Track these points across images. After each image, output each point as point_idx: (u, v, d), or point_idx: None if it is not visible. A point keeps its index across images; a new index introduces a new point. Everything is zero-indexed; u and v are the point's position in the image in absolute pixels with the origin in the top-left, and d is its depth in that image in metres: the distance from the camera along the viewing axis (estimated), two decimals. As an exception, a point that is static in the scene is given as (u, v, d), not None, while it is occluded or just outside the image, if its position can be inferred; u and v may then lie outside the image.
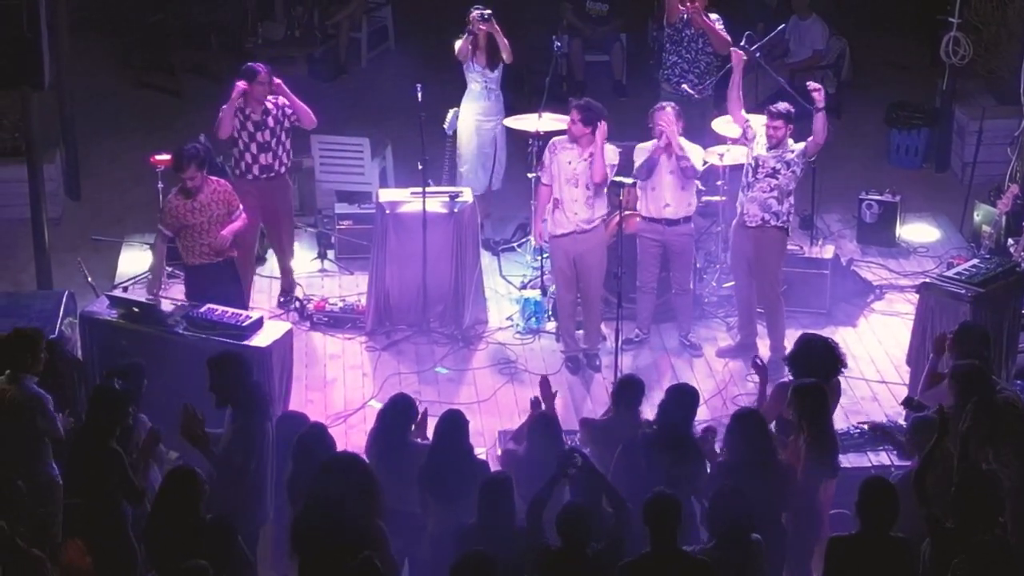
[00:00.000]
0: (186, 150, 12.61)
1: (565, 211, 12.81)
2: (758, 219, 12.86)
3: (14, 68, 12.27)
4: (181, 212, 12.56)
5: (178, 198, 12.62)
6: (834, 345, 10.89)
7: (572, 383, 13.08)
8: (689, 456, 9.99)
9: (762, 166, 12.80)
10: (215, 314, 11.92)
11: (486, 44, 14.38)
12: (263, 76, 13.51)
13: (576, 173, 12.74)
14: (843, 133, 16.84)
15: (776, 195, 12.82)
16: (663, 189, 12.97)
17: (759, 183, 12.81)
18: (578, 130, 12.70)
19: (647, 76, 16.89)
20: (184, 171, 12.56)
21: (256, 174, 13.62)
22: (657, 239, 13.11)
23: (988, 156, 15.89)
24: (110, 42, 19.20)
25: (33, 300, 12.88)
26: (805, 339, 10.95)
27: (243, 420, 10.09)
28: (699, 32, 14.63)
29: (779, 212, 12.89)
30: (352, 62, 19.43)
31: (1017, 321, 12.71)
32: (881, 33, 18.77)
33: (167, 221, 12.66)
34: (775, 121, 12.70)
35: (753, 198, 12.84)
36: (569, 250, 12.93)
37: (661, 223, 13.05)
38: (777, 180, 12.79)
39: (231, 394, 10.19)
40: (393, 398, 10.59)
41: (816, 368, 10.60)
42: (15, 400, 10.31)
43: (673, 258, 13.20)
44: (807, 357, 10.68)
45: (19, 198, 14.37)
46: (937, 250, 15.05)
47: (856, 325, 13.89)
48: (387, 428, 10.33)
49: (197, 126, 15.65)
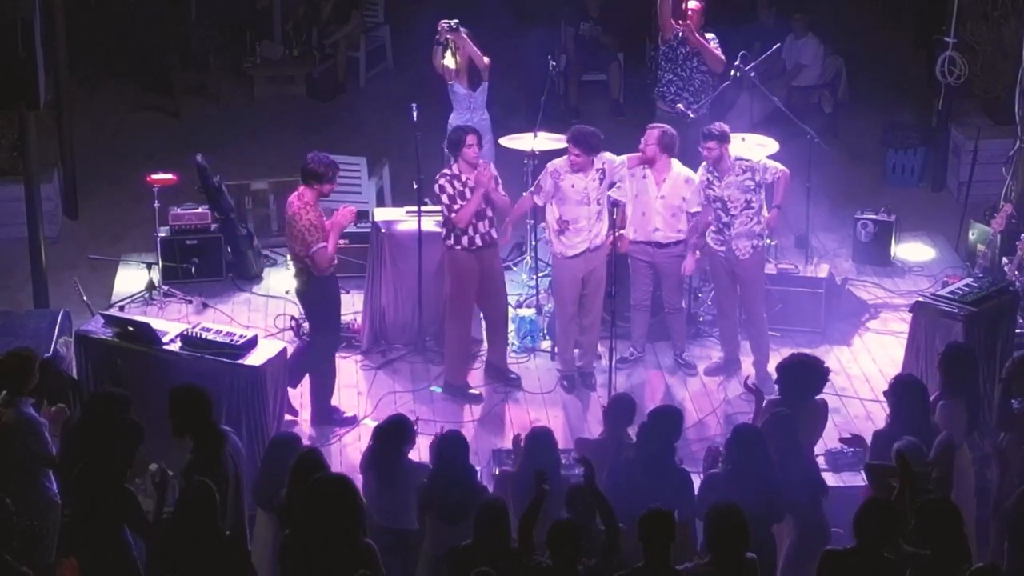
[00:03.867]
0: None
1: (581, 232, 12.81)
2: (748, 250, 12.93)
3: (10, 87, 12.29)
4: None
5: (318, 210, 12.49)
6: (819, 362, 10.91)
7: (568, 402, 13.09)
8: (672, 478, 10.00)
9: (733, 203, 12.85)
10: (209, 333, 11.93)
11: (466, 65, 14.34)
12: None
13: (586, 192, 12.75)
14: (839, 152, 16.88)
15: (756, 219, 12.92)
16: (652, 215, 12.98)
17: (738, 218, 12.87)
18: (583, 161, 12.71)
19: (644, 95, 16.92)
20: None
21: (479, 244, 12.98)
22: (647, 260, 13.14)
23: (984, 176, 15.94)
24: (109, 62, 19.25)
25: (28, 319, 12.90)
26: (788, 361, 10.97)
27: (196, 454, 10.05)
28: (693, 51, 14.66)
29: (762, 232, 13.01)
30: (350, 81, 19.49)
31: (1011, 340, 12.73)
32: (877, 53, 18.80)
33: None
34: (708, 142, 12.74)
35: (739, 234, 12.90)
36: (579, 269, 12.90)
37: (651, 245, 13.08)
38: (753, 208, 12.88)
39: (187, 428, 10.13)
40: (391, 418, 10.59)
41: (804, 386, 10.66)
42: (10, 424, 10.32)
43: (663, 279, 13.22)
44: (794, 376, 10.71)
45: (17, 217, 14.40)
46: (932, 269, 15.07)
47: (851, 344, 13.91)
48: (383, 447, 10.33)
49: (195, 146, 15.68)
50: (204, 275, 14.80)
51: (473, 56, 14.31)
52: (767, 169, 12.91)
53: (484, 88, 14.45)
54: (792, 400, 10.60)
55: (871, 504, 9.22)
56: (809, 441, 10.70)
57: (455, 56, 14.32)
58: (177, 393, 10.17)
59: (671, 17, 14.63)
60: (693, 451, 11.90)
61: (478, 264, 12.82)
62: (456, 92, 14.45)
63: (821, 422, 10.94)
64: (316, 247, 12.20)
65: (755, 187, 12.85)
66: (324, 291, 12.56)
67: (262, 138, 17.99)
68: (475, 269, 12.82)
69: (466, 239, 12.71)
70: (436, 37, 14.35)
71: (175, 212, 14.83)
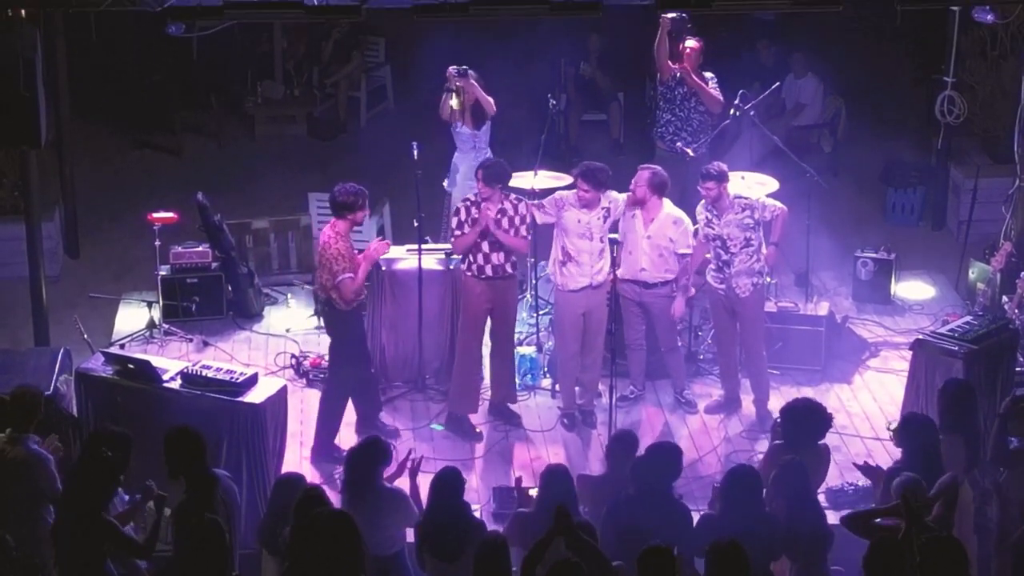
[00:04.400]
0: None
1: (581, 265, 12.85)
2: (748, 288, 12.96)
3: (11, 126, 12.32)
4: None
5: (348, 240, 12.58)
6: (823, 407, 10.91)
7: (568, 440, 13.08)
8: (671, 514, 9.98)
9: (732, 241, 12.89)
10: (210, 370, 11.94)
11: (470, 105, 14.42)
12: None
13: (589, 227, 12.80)
14: (839, 191, 16.91)
15: (756, 257, 12.96)
16: (639, 254, 12.98)
17: (738, 257, 12.91)
18: (592, 196, 12.75)
19: (644, 135, 16.96)
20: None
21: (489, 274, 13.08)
22: (635, 299, 13.14)
23: (983, 214, 15.96)
24: (111, 101, 19.30)
25: (29, 357, 12.88)
26: (793, 404, 10.97)
27: (188, 496, 10.02)
28: (692, 91, 14.71)
29: (762, 269, 13.05)
30: (351, 121, 19.54)
31: (1011, 378, 12.74)
32: (877, 92, 18.84)
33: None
34: (706, 183, 12.80)
35: (739, 272, 12.94)
36: (580, 305, 12.94)
37: (638, 284, 13.08)
38: (753, 246, 12.92)
39: (181, 470, 10.12)
40: (364, 439, 10.61)
41: (808, 430, 10.67)
42: (17, 459, 10.37)
43: (654, 319, 13.21)
44: (799, 420, 10.71)
45: (19, 256, 14.41)
46: (932, 307, 15.08)
47: (851, 382, 13.91)
48: (357, 468, 10.28)
49: (196, 185, 15.71)
50: (205, 313, 14.83)
51: (481, 101, 14.39)
52: (766, 207, 12.94)
53: (487, 128, 14.54)
54: (796, 444, 10.58)
55: (880, 545, 9.19)
56: (813, 485, 10.68)
57: (459, 98, 14.38)
58: (171, 436, 10.15)
59: (669, 58, 14.68)
60: (692, 489, 11.89)
61: (489, 293, 12.88)
62: (460, 133, 14.53)
63: (824, 466, 10.94)
64: (342, 277, 12.30)
65: (754, 225, 12.88)
66: (348, 326, 12.65)
67: (263, 177, 18.03)
68: (484, 298, 12.89)
69: (475, 266, 12.79)
70: (446, 84, 14.40)
71: (176, 250, 14.86)
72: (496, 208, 12.73)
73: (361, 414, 12.97)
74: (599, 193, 12.76)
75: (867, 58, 19.25)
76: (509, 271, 12.91)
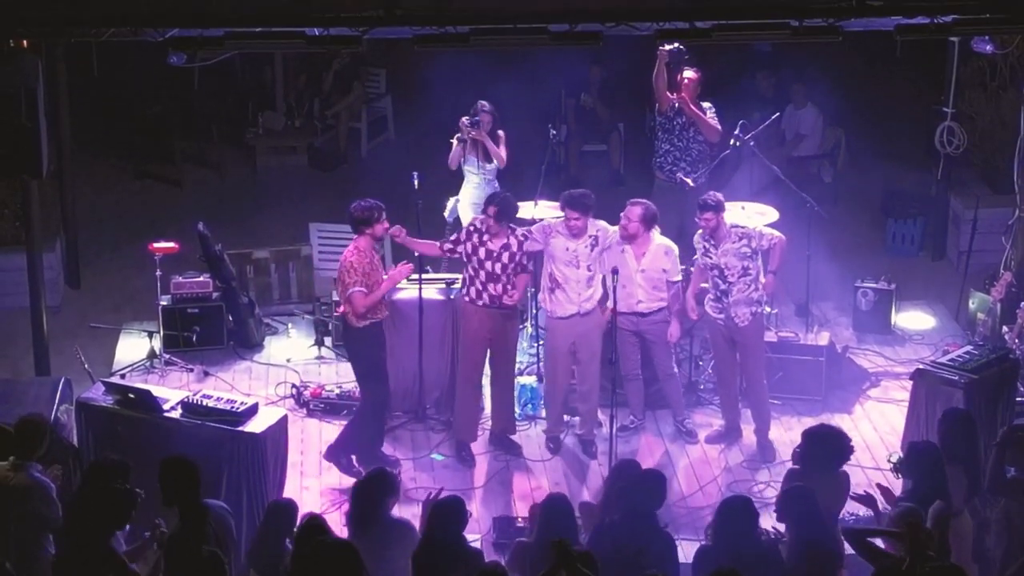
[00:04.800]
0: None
1: (568, 292, 12.88)
2: (747, 317, 12.98)
3: (13, 156, 12.33)
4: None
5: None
6: (843, 434, 10.91)
7: (569, 470, 13.08)
8: (655, 542, 9.94)
9: (730, 270, 12.91)
10: (210, 400, 11.94)
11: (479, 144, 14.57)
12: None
13: (576, 255, 12.83)
14: (839, 221, 16.93)
15: (754, 286, 12.98)
16: (633, 287, 12.99)
17: (736, 286, 12.93)
18: (582, 223, 12.79)
19: (645, 165, 16.97)
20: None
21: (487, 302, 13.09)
22: (632, 329, 13.15)
23: (983, 245, 15.97)
24: (112, 131, 19.34)
25: (29, 387, 12.90)
26: (815, 429, 10.97)
27: (180, 527, 9.98)
28: (690, 121, 14.74)
29: (760, 298, 13.08)
30: (352, 151, 19.57)
31: (1012, 407, 12.74)
32: (877, 123, 18.88)
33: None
34: (704, 213, 12.83)
35: (737, 301, 12.96)
36: (569, 333, 12.98)
37: (634, 315, 13.09)
38: (751, 275, 12.95)
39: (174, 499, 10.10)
40: (371, 471, 10.59)
41: (829, 456, 10.66)
42: (19, 487, 10.36)
43: (650, 346, 13.22)
44: (815, 447, 10.70)
45: (19, 286, 14.41)
46: (933, 338, 15.09)
47: (852, 412, 13.90)
48: (364, 500, 10.27)
49: (197, 215, 15.74)
50: (205, 343, 14.85)
51: (492, 153, 14.41)
52: (763, 236, 12.96)
53: (496, 165, 14.68)
54: (814, 469, 10.58)
55: (884, 574, 9.19)
56: (832, 512, 10.64)
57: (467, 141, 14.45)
58: (165, 464, 10.13)
59: (667, 89, 14.71)
60: (692, 520, 11.89)
61: (488, 322, 12.93)
62: (469, 165, 14.58)
63: (843, 493, 10.86)
64: (353, 289, 12.39)
65: (751, 254, 12.90)
66: (361, 343, 12.76)
67: (264, 207, 18.07)
68: (483, 326, 12.94)
69: (474, 291, 12.87)
70: (457, 135, 14.45)
71: (177, 280, 14.87)
72: (500, 243, 12.78)
73: (360, 444, 12.95)
74: (587, 218, 12.80)
75: (867, 89, 19.29)
76: (506, 302, 12.93)
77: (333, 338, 14.89)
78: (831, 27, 11.81)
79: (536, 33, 11.66)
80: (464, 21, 11.54)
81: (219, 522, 10.12)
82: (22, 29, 11.85)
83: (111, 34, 11.66)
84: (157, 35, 11.61)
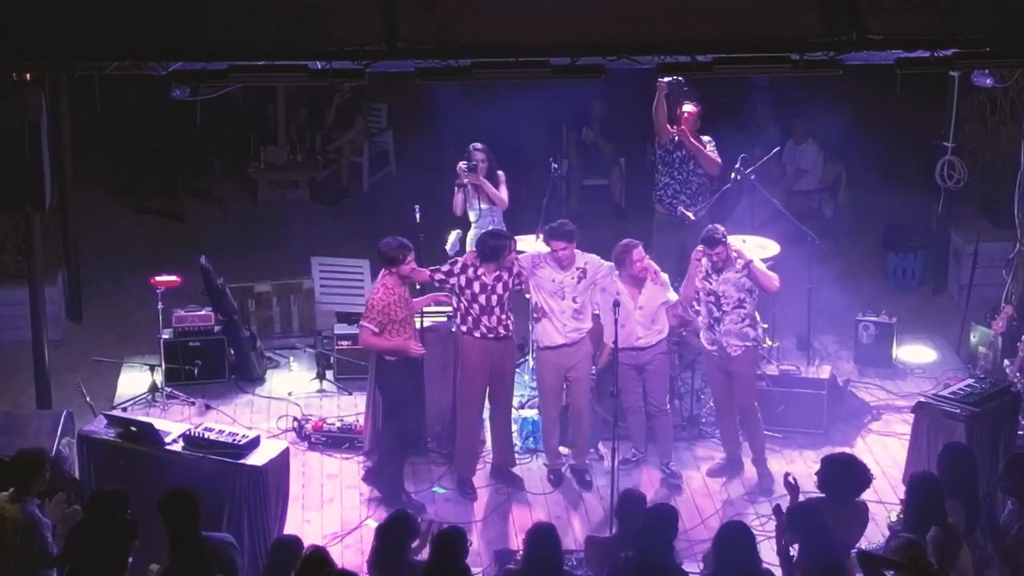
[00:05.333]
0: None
1: (554, 322, 12.92)
2: (740, 348, 12.98)
3: (15, 189, 12.36)
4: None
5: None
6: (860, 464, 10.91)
7: (570, 503, 13.09)
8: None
9: (726, 299, 12.92)
10: (212, 433, 11.94)
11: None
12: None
13: (562, 286, 12.87)
14: (840, 255, 16.95)
15: (749, 323, 12.99)
16: (632, 325, 12.97)
17: (728, 316, 12.95)
18: (569, 252, 12.85)
19: (646, 199, 16.99)
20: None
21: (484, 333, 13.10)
22: (633, 363, 13.12)
23: (984, 279, 15.97)
24: (114, 165, 19.38)
25: (31, 420, 12.90)
26: (833, 457, 11.01)
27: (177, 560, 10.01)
28: (690, 154, 14.76)
29: (756, 336, 13.11)
30: (354, 186, 19.60)
31: (1013, 440, 12.74)
32: (877, 157, 18.91)
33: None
34: (715, 248, 12.84)
35: (728, 331, 12.97)
36: (559, 363, 13.02)
37: (634, 350, 13.07)
38: (745, 309, 12.95)
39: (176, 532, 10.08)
40: (393, 514, 10.59)
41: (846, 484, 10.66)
42: (14, 520, 10.37)
43: (648, 377, 13.20)
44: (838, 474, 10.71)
45: (22, 320, 14.41)
46: (934, 371, 15.09)
47: (853, 445, 13.88)
48: (386, 544, 10.30)
49: (199, 249, 15.78)
50: (207, 377, 14.86)
51: (491, 196, 14.41)
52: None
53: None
54: (832, 496, 10.60)
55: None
56: (848, 543, 10.59)
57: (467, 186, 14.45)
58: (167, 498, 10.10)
59: (667, 122, 14.73)
60: (695, 552, 11.87)
61: (485, 355, 12.94)
62: (473, 208, 14.57)
63: (861, 523, 10.83)
64: (363, 323, 12.63)
65: (751, 287, 12.91)
66: (385, 375, 12.87)
67: (265, 241, 18.08)
68: (481, 359, 12.95)
69: (470, 320, 12.87)
70: (456, 181, 14.44)
71: (178, 314, 14.90)
72: (494, 275, 12.85)
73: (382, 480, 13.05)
74: (572, 246, 12.84)
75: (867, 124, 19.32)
76: (503, 333, 12.94)
77: (335, 371, 14.91)
78: (831, 61, 11.84)
79: (537, 66, 11.69)
80: (466, 55, 11.58)
81: (220, 555, 10.11)
82: (25, 62, 11.88)
83: (114, 68, 11.69)
84: (160, 68, 11.64)
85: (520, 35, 11.65)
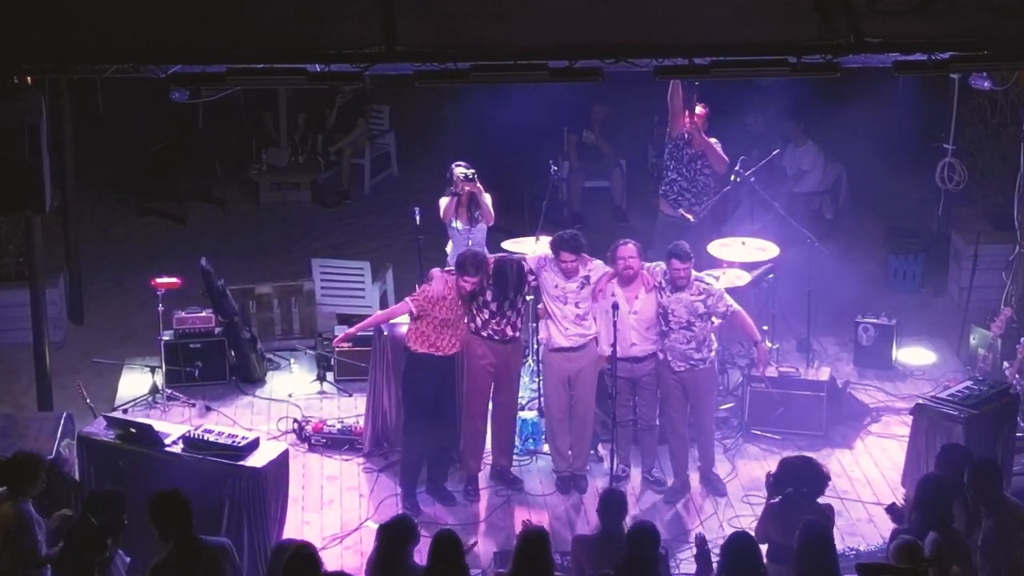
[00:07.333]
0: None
1: (557, 325, 12.94)
2: (683, 366, 12.89)
3: (16, 192, 12.36)
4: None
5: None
6: (817, 463, 10.92)
7: (570, 505, 13.10)
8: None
9: (675, 317, 12.81)
10: (212, 434, 11.96)
11: (467, 202, 14.07)
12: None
13: (565, 292, 12.87)
14: (841, 257, 16.93)
15: (695, 346, 12.83)
16: (626, 330, 12.89)
17: (674, 333, 12.82)
18: (576, 264, 12.84)
19: (646, 201, 17.04)
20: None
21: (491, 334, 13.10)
22: (626, 376, 13.07)
23: (984, 281, 15.98)
24: (115, 167, 19.41)
25: (31, 421, 12.92)
26: (785, 459, 11.02)
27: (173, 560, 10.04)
28: (699, 153, 14.75)
29: (703, 359, 12.92)
30: (355, 188, 19.61)
31: (1011, 443, 12.75)
32: (877, 159, 18.92)
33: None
34: (685, 263, 12.67)
35: (672, 347, 12.86)
36: (565, 367, 13.00)
37: (629, 361, 13.00)
38: (693, 332, 12.80)
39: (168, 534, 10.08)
40: (395, 517, 10.60)
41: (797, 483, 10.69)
42: (6, 517, 10.40)
43: (639, 392, 13.14)
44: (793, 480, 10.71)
45: (22, 322, 14.46)
46: (934, 373, 15.10)
47: (852, 447, 13.91)
48: (388, 548, 10.30)
49: (200, 251, 15.80)
50: (207, 378, 14.88)
51: (483, 208, 14.13)
52: (721, 299, 12.81)
53: (483, 227, 14.21)
54: (791, 497, 10.61)
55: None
56: None
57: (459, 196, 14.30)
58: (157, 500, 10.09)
59: (683, 107, 14.61)
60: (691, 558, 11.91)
61: (491, 356, 12.96)
62: (454, 229, 14.21)
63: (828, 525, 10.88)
64: (407, 299, 12.91)
65: (704, 313, 12.76)
66: (408, 368, 12.96)
67: (266, 243, 18.12)
68: (487, 359, 12.96)
69: (479, 320, 12.89)
70: (450, 188, 14.18)
71: (179, 316, 14.92)
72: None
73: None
74: (580, 255, 12.84)
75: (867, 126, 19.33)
76: (510, 334, 12.96)
77: (335, 373, 14.93)
78: (829, 63, 11.83)
79: (536, 69, 11.70)
80: (464, 57, 11.58)
81: (215, 558, 10.11)
82: (24, 65, 11.90)
83: (114, 70, 11.71)
84: (159, 71, 11.66)
85: (518, 38, 11.65)
